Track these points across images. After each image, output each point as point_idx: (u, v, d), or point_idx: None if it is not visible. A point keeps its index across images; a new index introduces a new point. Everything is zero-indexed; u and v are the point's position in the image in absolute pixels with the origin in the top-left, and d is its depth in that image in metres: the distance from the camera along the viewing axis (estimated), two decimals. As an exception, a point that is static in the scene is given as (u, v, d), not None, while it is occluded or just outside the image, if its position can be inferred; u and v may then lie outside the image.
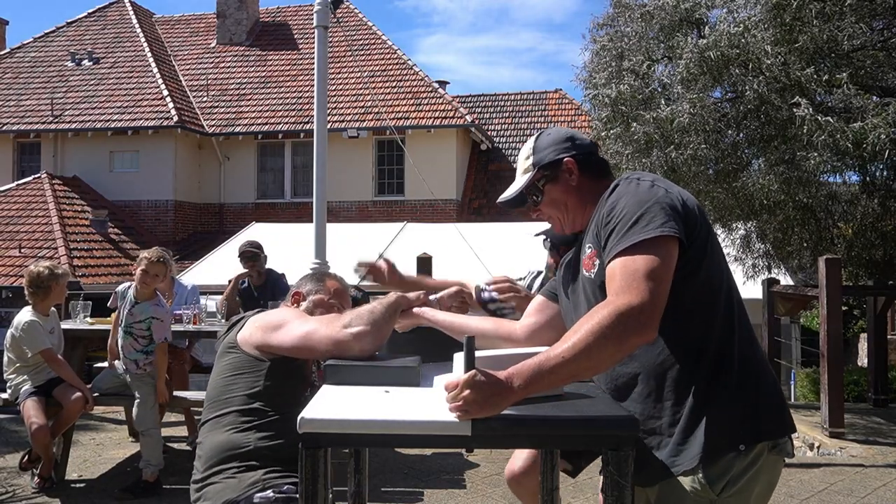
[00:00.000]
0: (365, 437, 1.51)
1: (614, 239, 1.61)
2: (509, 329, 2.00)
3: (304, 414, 1.45)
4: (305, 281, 2.47)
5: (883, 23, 6.88)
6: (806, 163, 6.23)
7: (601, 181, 1.82)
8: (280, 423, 2.10)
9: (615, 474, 1.45)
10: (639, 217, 1.59)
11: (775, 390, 1.70)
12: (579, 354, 1.47)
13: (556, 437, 1.58)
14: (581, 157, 1.84)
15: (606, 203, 1.69)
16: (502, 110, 20.46)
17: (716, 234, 1.78)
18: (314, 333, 2.03)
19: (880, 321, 7.92)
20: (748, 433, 1.61)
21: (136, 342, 4.48)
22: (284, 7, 21.67)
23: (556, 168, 1.83)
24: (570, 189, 1.83)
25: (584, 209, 1.83)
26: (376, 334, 1.96)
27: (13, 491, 4.45)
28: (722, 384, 1.62)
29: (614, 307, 1.50)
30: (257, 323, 2.20)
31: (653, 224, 1.58)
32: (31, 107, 18.30)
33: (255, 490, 2.01)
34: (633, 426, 1.47)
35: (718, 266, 1.69)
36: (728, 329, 1.66)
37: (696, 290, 1.64)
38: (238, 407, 2.12)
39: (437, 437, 1.51)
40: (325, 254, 6.61)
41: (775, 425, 1.66)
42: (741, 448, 1.59)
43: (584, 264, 1.76)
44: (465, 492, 4.55)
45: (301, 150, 17.51)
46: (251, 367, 2.15)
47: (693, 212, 1.65)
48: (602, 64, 7.65)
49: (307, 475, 1.46)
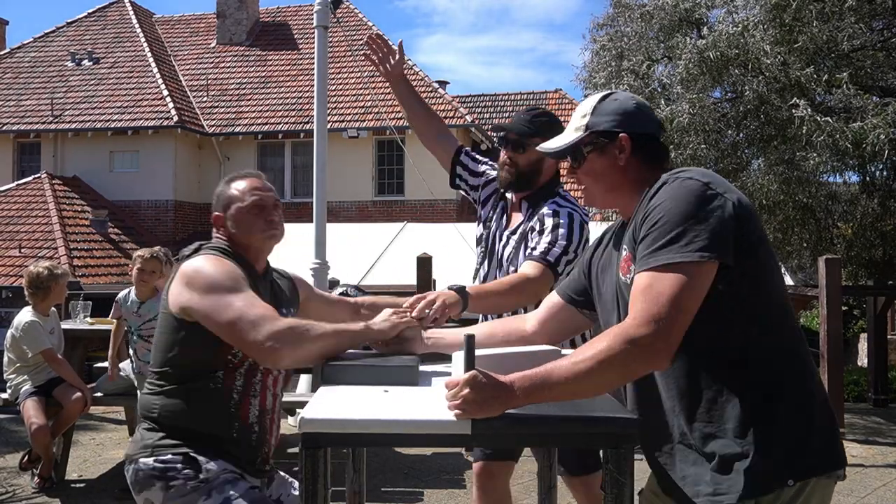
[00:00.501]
0: (365, 436, 1.51)
1: (647, 248, 1.48)
2: (517, 325, 1.94)
3: (304, 414, 1.45)
4: (216, 201, 2.29)
5: (882, 23, 6.89)
6: (805, 163, 6.24)
7: (653, 169, 1.63)
8: (186, 393, 2.05)
9: (615, 472, 1.45)
10: (679, 233, 1.45)
11: (829, 419, 1.54)
12: (582, 377, 1.43)
13: (556, 436, 1.58)
14: (639, 137, 1.65)
15: (649, 203, 1.53)
16: (502, 110, 20.48)
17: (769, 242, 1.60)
18: (237, 325, 1.91)
19: (880, 321, 7.93)
20: (799, 468, 1.47)
21: (148, 342, 4.48)
22: (284, 7, 21.68)
23: (608, 139, 1.65)
24: (615, 167, 1.65)
25: (622, 194, 1.66)
26: (293, 358, 1.90)
27: (13, 491, 4.45)
28: (772, 411, 1.48)
29: (628, 334, 1.42)
30: (185, 279, 2.05)
31: (693, 245, 1.43)
32: (31, 107, 18.31)
33: (144, 455, 2.01)
34: (633, 425, 1.47)
35: (770, 278, 1.54)
36: (779, 348, 1.52)
37: (744, 303, 1.50)
38: (155, 368, 2.11)
39: (437, 436, 1.51)
40: (325, 254, 6.61)
41: (828, 459, 1.51)
42: (790, 483, 1.46)
43: (621, 267, 1.62)
44: (465, 492, 4.55)
45: (301, 150, 17.51)
46: (171, 328, 2.07)
47: (747, 219, 1.49)
48: (602, 64, 7.65)
49: (307, 475, 1.46)
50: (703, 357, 1.51)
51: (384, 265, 11.34)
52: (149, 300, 4.46)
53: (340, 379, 1.76)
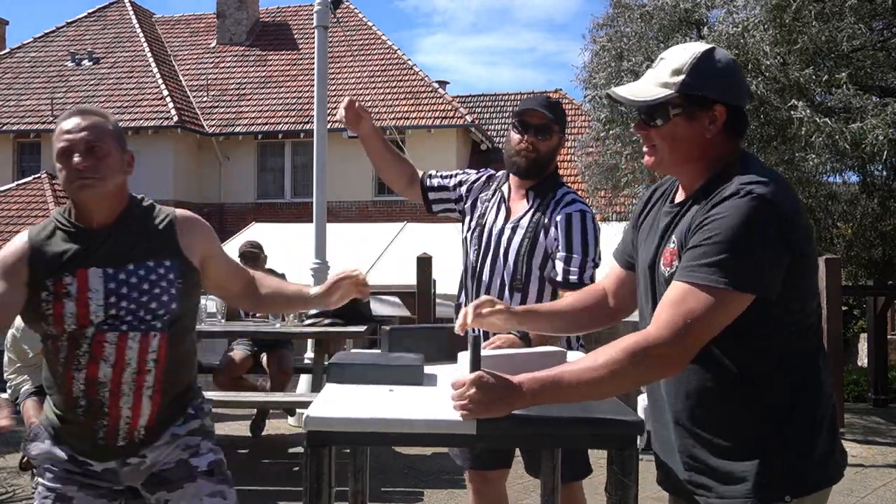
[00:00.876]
0: (370, 435, 1.51)
1: (695, 260, 1.42)
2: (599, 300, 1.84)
3: (309, 412, 1.45)
4: None
5: (882, 23, 6.90)
6: (805, 163, 6.24)
7: (733, 145, 1.54)
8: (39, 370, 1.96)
9: (619, 474, 1.45)
10: (729, 258, 1.39)
11: (833, 436, 1.52)
12: (595, 382, 1.41)
13: (561, 437, 1.59)
14: (733, 110, 1.52)
15: (712, 209, 1.44)
16: (502, 110, 20.46)
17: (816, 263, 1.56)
18: None
19: (880, 321, 7.93)
20: (798, 486, 1.46)
21: None
22: (284, 7, 21.67)
23: (701, 107, 1.51)
24: (700, 139, 1.52)
25: (695, 167, 1.54)
26: None
27: (13, 491, 4.45)
28: (779, 429, 1.46)
29: (646, 343, 1.40)
30: None
31: (738, 276, 1.38)
32: (31, 107, 18.30)
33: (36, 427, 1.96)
34: (638, 427, 1.48)
35: (802, 300, 1.48)
36: (795, 367, 1.49)
37: (770, 326, 1.46)
38: None
39: (443, 435, 1.52)
40: (325, 254, 6.62)
41: (828, 475, 1.51)
42: (787, 499, 1.45)
43: (664, 258, 1.55)
44: (465, 492, 4.53)
45: (301, 150, 17.50)
46: None
47: (797, 243, 1.43)
48: (602, 64, 7.66)
49: (312, 474, 1.46)
50: (715, 368, 1.48)
51: (384, 265, 11.33)
52: None
53: (346, 378, 1.76)
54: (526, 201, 2.51)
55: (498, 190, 2.59)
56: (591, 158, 8.09)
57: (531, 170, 2.47)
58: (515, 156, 2.47)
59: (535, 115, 2.45)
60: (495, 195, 2.58)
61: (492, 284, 2.48)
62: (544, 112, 2.44)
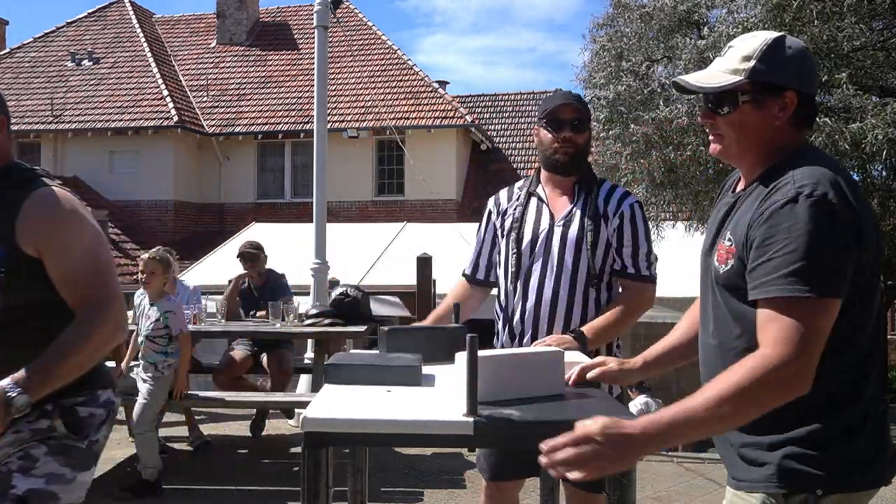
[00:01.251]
0: (367, 436, 1.51)
1: (769, 273, 1.38)
2: None
3: (307, 413, 1.45)
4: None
5: (882, 23, 6.89)
6: (805, 163, 6.25)
7: (799, 135, 1.51)
8: None
9: (617, 473, 1.45)
10: (804, 266, 1.35)
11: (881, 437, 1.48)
12: (727, 418, 1.35)
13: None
14: (803, 98, 1.48)
15: (770, 206, 1.41)
16: (502, 110, 20.47)
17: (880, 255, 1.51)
18: None
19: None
20: (832, 481, 1.43)
21: (155, 343, 4.51)
22: (284, 7, 21.67)
23: (772, 94, 1.47)
24: (769, 126, 1.48)
25: (761, 155, 1.51)
26: None
27: (14, 491, 4.45)
28: (824, 423, 1.44)
29: (771, 363, 1.34)
30: None
31: (820, 285, 1.35)
32: (31, 107, 18.30)
33: None
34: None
35: (868, 303, 1.46)
36: (849, 364, 1.45)
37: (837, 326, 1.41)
38: None
39: (440, 436, 1.52)
40: (325, 254, 6.62)
41: (867, 478, 1.46)
42: (818, 493, 1.42)
43: (718, 254, 1.52)
44: (465, 492, 4.55)
45: (301, 150, 17.51)
46: None
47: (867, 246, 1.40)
48: (602, 64, 7.65)
49: (309, 474, 1.46)
50: None
51: (384, 265, 11.34)
52: (157, 302, 4.50)
53: (343, 378, 1.76)
54: (569, 198, 2.47)
55: (531, 194, 2.51)
56: (591, 158, 8.10)
57: (573, 165, 2.44)
58: (555, 154, 2.43)
59: (566, 109, 2.42)
60: (530, 199, 2.51)
61: (544, 287, 2.41)
62: (575, 104, 2.43)
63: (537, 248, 2.43)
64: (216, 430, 6.15)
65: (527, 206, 2.50)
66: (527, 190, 2.53)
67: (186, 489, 4.49)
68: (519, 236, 2.45)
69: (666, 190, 7.44)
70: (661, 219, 8.01)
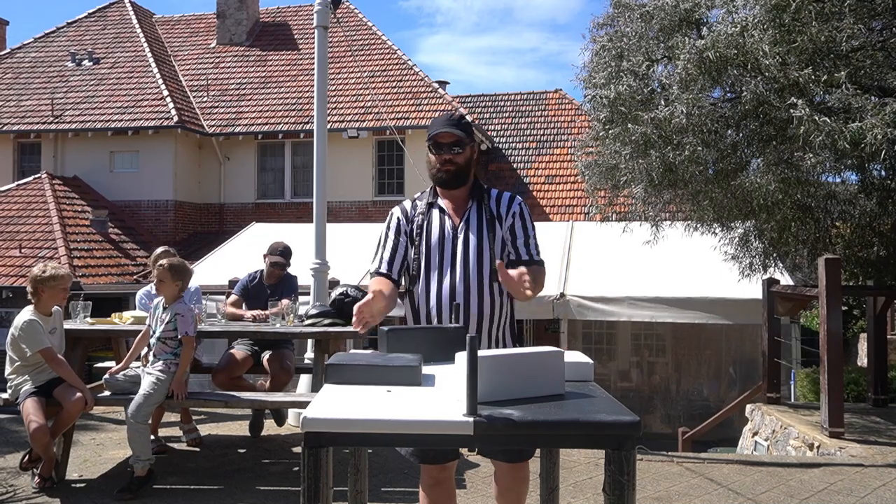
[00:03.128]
0: (367, 436, 1.51)
1: None
2: None
3: (306, 413, 1.45)
4: None
5: (882, 23, 6.89)
6: (804, 163, 6.24)
7: None
8: None
9: (616, 473, 1.45)
10: None
11: None
12: None
13: (558, 438, 1.59)
14: None
15: None
16: (502, 110, 20.46)
17: None
18: None
19: (880, 321, 7.93)
20: None
21: (166, 345, 4.55)
22: (284, 7, 21.69)
23: None
24: None
25: None
26: None
27: (13, 491, 4.45)
28: None
29: None
30: None
31: None
32: (31, 107, 18.31)
33: None
34: (635, 427, 1.48)
35: None
36: None
37: None
38: None
39: (440, 436, 1.52)
40: (325, 254, 6.62)
41: None
42: None
43: None
44: (465, 492, 4.55)
45: (301, 150, 17.52)
46: None
47: None
48: (602, 64, 7.65)
49: (309, 474, 1.46)
50: None
51: (384, 265, 11.32)
52: (171, 305, 4.54)
53: (343, 378, 1.76)
54: (464, 206, 2.83)
55: (432, 205, 2.86)
56: (591, 158, 8.08)
57: (456, 179, 2.79)
58: (438, 172, 2.79)
59: (445, 135, 2.75)
60: (431, 209, 2.85)
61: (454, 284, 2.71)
62: (451, 131, 2.75)
63: (444, 251, 2.77)
64: (216, 430, 6.15)
65: (429, 216, 2.84)
66: (426, 201, 2.88)
67: (186, 489, 4.49)
68: (428, 241, 2.80)
69: (665, 190, 7.43)
70: (660, 219, 8.01)
